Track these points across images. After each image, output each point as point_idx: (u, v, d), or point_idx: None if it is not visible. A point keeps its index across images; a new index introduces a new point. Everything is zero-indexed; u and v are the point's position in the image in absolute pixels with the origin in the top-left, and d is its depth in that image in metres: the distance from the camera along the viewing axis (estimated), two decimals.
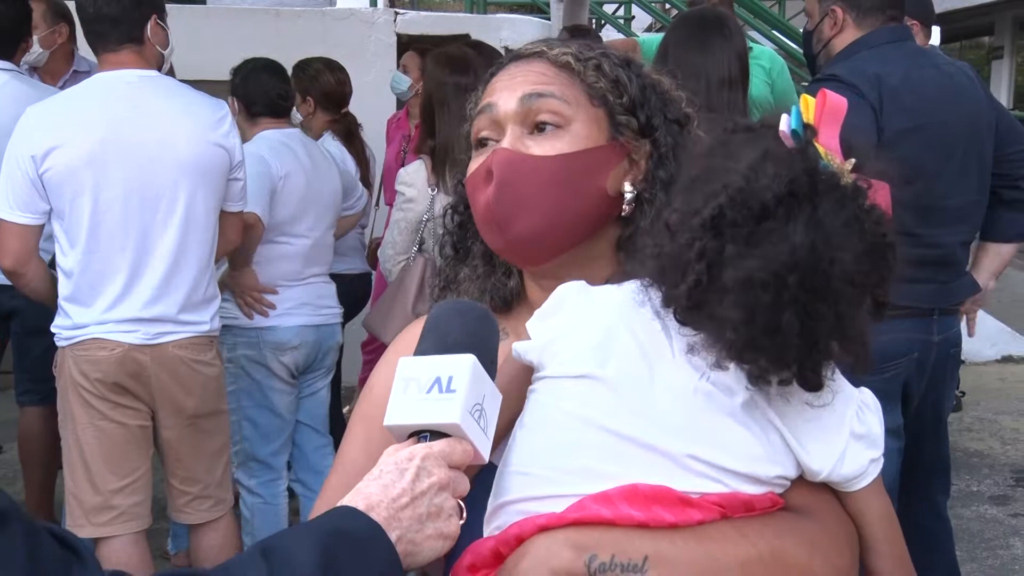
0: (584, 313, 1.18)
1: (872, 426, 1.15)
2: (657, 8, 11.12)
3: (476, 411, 1.07)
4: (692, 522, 1.07)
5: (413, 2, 14.11)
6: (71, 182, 3.04)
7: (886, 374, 3.08)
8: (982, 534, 4.58)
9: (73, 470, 3.18)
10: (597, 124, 1.29)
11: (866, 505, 1.17)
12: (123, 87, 3.14)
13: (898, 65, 3.05)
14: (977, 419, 6.10)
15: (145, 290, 3.12)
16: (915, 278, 3.40)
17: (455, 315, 1.15)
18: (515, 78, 1.30)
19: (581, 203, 1.27)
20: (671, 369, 1.12)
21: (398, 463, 1.05)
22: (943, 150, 3.04)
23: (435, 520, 1.04)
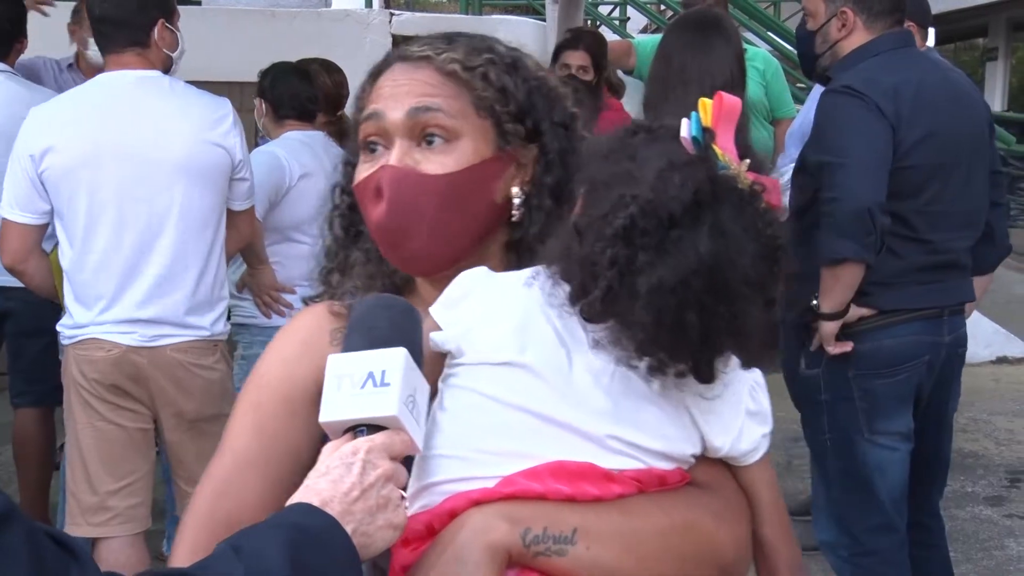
0: (498, 300, 1.22)
1: (763, 403, 1.24)
2: (652, 9, 11.13)
3: (410, 402, 1.09)
4: (614, 496, 1.14)
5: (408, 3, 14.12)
6: (67, 182, 3.05)
7: (898, 376, 3.09)
8: (977, 535, 4.58)
9: (72, 469, 3.19)
10: (484, 135, 1.30)
11: (758, 476, 1.26)
12: (121, 88, 3.14)
13: (910, 73, 3.05)
14: (972, 420, 6.11)
15: (140, 291, 3.11)
16: (925, 282, 3.42)
17: (381, 310, 1.16)
18: (401, 86, 1.30)
19: (471, 218, 1.30)
20: (588, 354, 1.17)
21: (343, 458, 1.06)
22: (953, 156, 3.06)
23: (384, 511, 1.06)
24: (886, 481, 3.14)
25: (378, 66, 1.36)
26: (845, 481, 3.18)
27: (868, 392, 3.09)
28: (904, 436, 3.15)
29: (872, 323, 3.07)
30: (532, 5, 11.67)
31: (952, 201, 3.06)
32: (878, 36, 3.12)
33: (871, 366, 3.08)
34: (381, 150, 1.30)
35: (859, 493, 3.16)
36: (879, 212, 2.88)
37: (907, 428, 3.15)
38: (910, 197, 3.01)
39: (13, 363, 4.29)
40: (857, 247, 2.90)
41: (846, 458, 3.16)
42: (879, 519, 3.16)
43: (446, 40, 1.34)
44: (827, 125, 3.04)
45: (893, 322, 3.07)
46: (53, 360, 3.99)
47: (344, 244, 1.43)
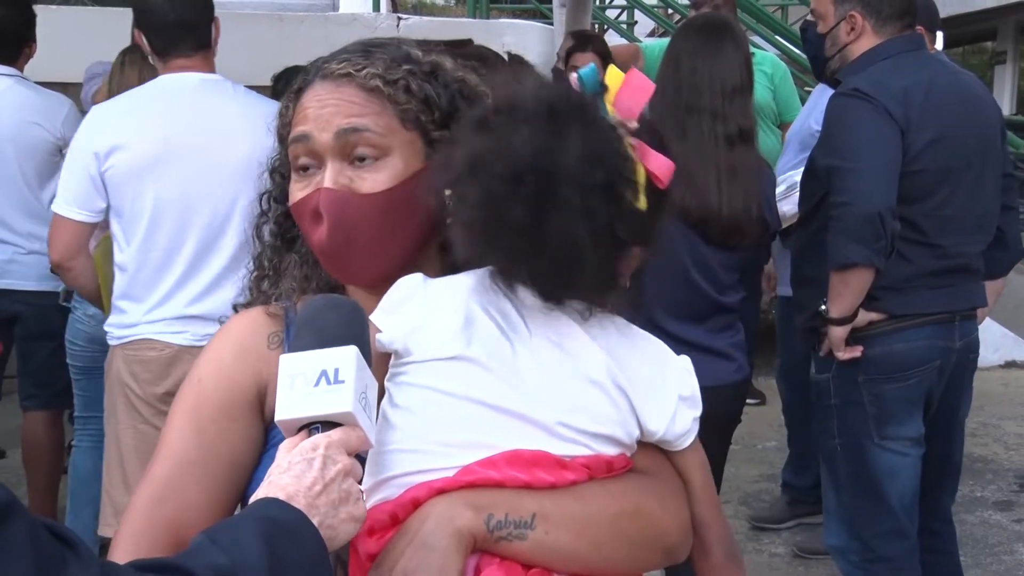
0: (438, 302, 1.26)
1: (694, 388, 1.30)
2: (660, 13, 11.12)
3: (362, 399, 1.12)
4: (566, 482, 1.19)
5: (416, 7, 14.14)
6: (132, 182, 3.08)
7: (909, 381, 3.08)
8: (986, 540, 4.57)
9: (109, 469, 3.21)
10: (412, 147, 1.32)
11: (692, 458, 1.33)
12: (187, 89, 3.18)
13: (920, 76, 3.04)
14: (981, 424, 6.09)
15: (196, 288, 3.14)
16: (936, 286, 3.41)
17: (330, 310, 1.18)
18: (326, 106, 1.31)
19: (410, 229, 1.33)
20: (530, 344, 1.22)
21: (304, 454, 1.09)
22: (963, 160, 3.04)
23: (346, 504, 1.09)
24: (896, 486, 3.12)
25: (298, 83, 1.38)
26: (855, 486, 3.17)
27: (878, 397, 3.08)
28: (914, 441, 3.14)
29: (882, 327, 3.06)
30: (539, 9, 11.66)
31: (962, 205, 3.04)
32: (888, 40, 3.11)
33: (881, 371, 3.07)
34: (314, 170, 1.33)
35: (869, 498, 3.15)
36: (889, 216, 2.87)
37: (917, 433, 3.14)
38: (919, 201, 3.00)
39: (22, 367, 4.31)
40: (867, 252, 2.89)
41: (856, 463, 3.15)
42: (890, 524, 3.14)
43: (364, 54, 1.36)
44: (836, 129, 3.03)
45: (903, 327, 3.06)
46: (62, 364, 4.01)
47: (277, 250, 1.45)
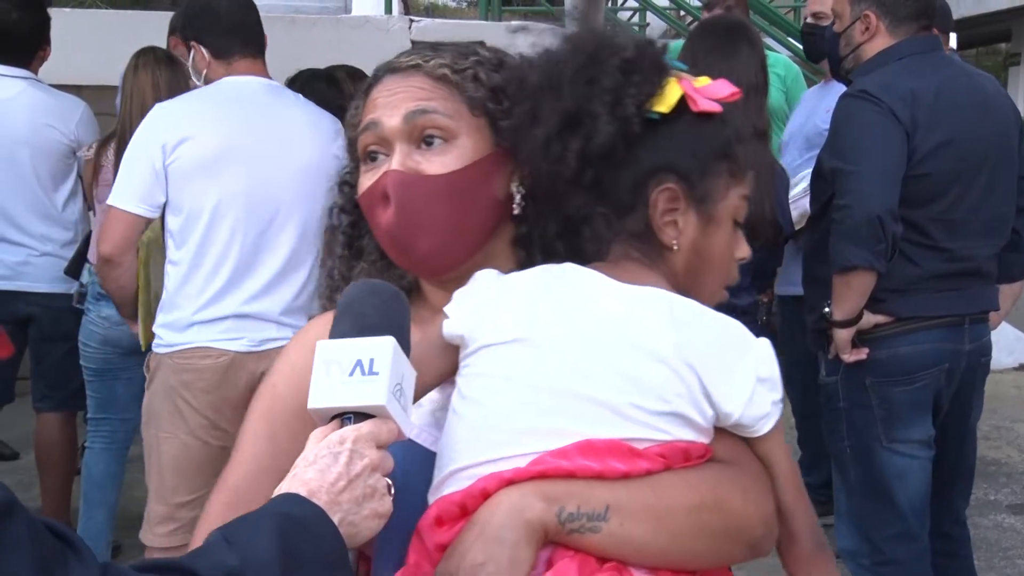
0: (505, 288, 1.26)
1: (772, 370, 1.23)
2: (672, 15, 11.11)
3: (397, 391, 1.10)
4: (641, 471, 1.15)
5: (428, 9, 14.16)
6: (197, 175, 3.08)
7: (916, 384, 3.07)
8: (1000, 543, 4.55)
9: (150, 475, 3.21)
10: (481, 133, 1.33)
11: (775, 444, 1.26)
12: (253, 91, 3.22)
13: (931, 78, 3.02)
14: (994, 427, 6.06)
15: (251, 288, 3.14)
16: (943, 289, 3.40)
17: (369, 296, 1.17)
18: (395, 94, 1.33)
19: (476, 215, 1.33)
20: (596, 325, 1.20)
21: (330, 447, 1.07)
22: (974, 162, 3.03)
23: (370, 500, 1.07)
24: (906, 489, 3.11)
25: (368, 82, 1.39)
26: (865, 489, 3.17)
27: (886, 399, 3.07)
28: (924, 444, 3.13)
29: (889, 330, 3.05)
30: (551, 12, 11.67)
31: (973, 208, 3.03)
32: (902, 41, 3.09)
33: (888, 373, 3.07)
34: (382, 158, 1.33)
35: (879, 501, 3.14)
36: (890, 220, 2.86)
37: (926, 436, 3.13)
38: (926, 205, 2.98)
39: (36, 368, 4.32)
40: (867, 255, 2.88)
41: (865, 466, 3.14)
42: (900, 528, 3.13)
43: (432, 48, 1.38)
44: (842, 130, 3.03)
45: (910, 329, 3.05)
46: (75, 365, 4.02)
47: (347, 261, 1.45)
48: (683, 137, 1.26)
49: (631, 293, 1.23)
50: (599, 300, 1.22)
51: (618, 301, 1.22)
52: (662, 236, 1.26)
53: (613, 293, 1.23)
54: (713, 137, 1.27)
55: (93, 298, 3.89)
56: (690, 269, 1.29)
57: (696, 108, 1.25)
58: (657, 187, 1.25)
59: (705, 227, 1.28)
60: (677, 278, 1.29)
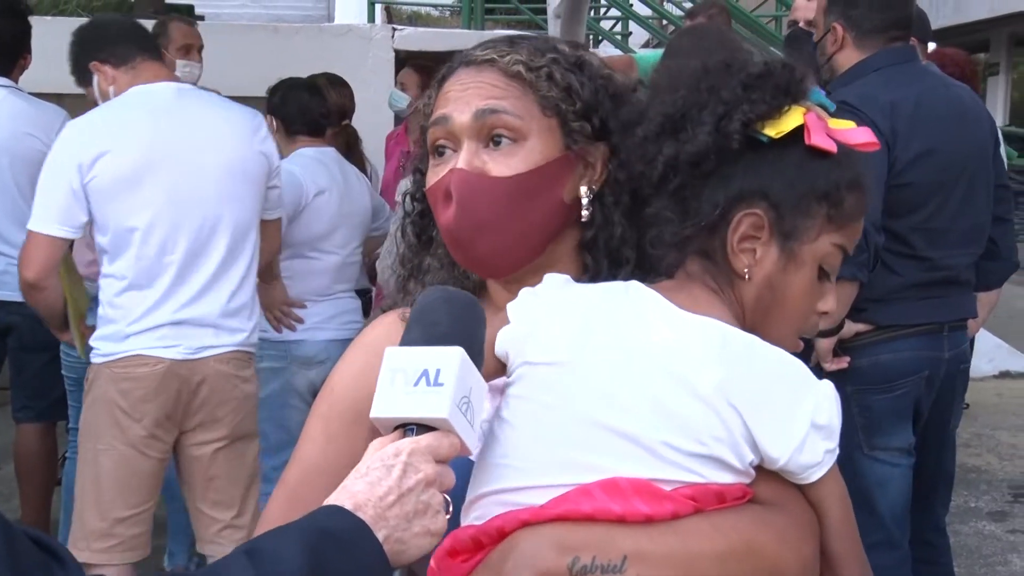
0: (564, 302, 1.22)
1: (832, 418, 1.18)
2: (654, 24, 11.15)
3: (463, 404, 1.07)
4: (667, 514, 1.10)
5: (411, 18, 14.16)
6: (118, 190, 3.05)
7: (896, 392, 3.08)
8: (980, 550, 4.57)
9: (84, 490, 3.15)
10: (551, 135, 1.30)
11: (827, 491, 1.21)
12: (164, 98, 3.18)
13: (910, 89, 3.04)
14: (975, 435, 6.10)
15: (186, 294, 3.12)
16: (922, 297, 3.40)
17: (442, 303, 1.14)
18: (467, 88, 1.31)
19: (540, 218, 1.30)
20: (643, 353, 1.15)
21: (384, 460, 1.03)
22: (953, 172, 3.04)
23: (422, 517, 1.03)
24: (887, 497, 3.13)
25: (443, 73, 1.37)
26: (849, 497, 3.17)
27: (866, 408, 3.09)
28: (904, 451, 3.14)
29: (869, 338, 3.07)
30: (534, 20, 11.70)
31: (952, 218, 3.05)
32: (878, 52, 3.11)
33: (869, 381, 3.08)
34: (449, 153, 1.31)
35: (860, 509, 3.11)
36: (872, 230, 2.88)
37: (907, 443, 3.14)
38: (907, 215, 3.00)
39: (15, 378, 4.29)
40: (849, 265, 2.89)
41: (846, 474, 3.13)
42: (880, 535, 3.14)
43: (509, 43, 1.35)
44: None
45: (891, 337, 3.07)
46: (55, 375, 4.00)
47: (417, 251, 1.44)
48: (787, 167, 1.20)
49: (686, 321, 1.17)
50: (652, 325, 1.17)
51: (671, 328, 1.17)
52: (735, 261, 1.21)
53: (668, 319, 1.18)
54: (819, 176, 1.21)
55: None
56: (760, 304, 1.23)
57: (808, 141, 1.19)
58: (744, 210, 1.20)
59: (785, 264, 1.22)
60: (745, 312, 1.23)
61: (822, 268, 1.24)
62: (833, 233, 1.23)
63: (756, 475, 1.16)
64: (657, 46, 9.99)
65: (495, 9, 12.76)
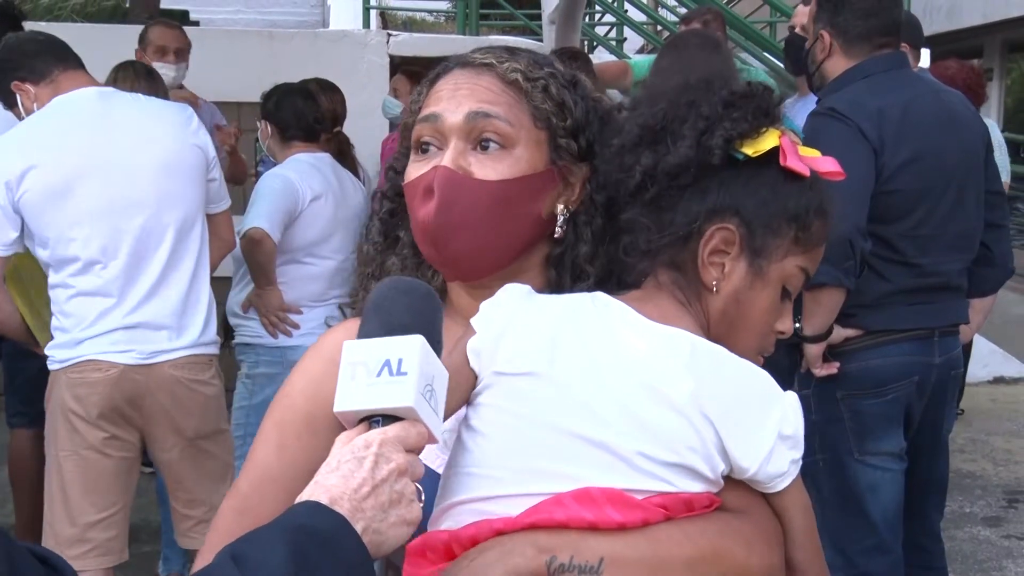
0: (531, 312, 1.22)
1: (797, 428, 1.19)
2: (649, 30, 11.17)
3: (427, 392, 1.06)
4: (638, 521, 1.11)
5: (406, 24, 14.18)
6: (52, 201, 3.01)
7: (886, 397, 3.08)
8: (975, 556, 4.58)
9: (51, 499, 3.12)
10: (538, 147, 1.31)
11: (790, 502, 1.22)
12: (86, 103, 3.14)
13: (898, 96, 3.04)
14: (969, 440, 6.10)
15: (135, 296, 3.09)
16: (912, 303, 3.41)
17: (399, 295, 1.13)
18: (461, 89, 1.31)
19: (516, 227, 1.30)
20: (615, 363, 1.16)
21: (355, 452, 1.02)
22: (942, 179, 3.04)
23: (397, 507, 1.02)
24: (879, 502, 3.13)
25: (436, 71, 1.37)
26: (838, 502, 3.17)
27: (857, 413, 3.09)
28: (895, 456, 3.15)
29: (859, 343, 3.07)
30: (529, 26, 11.71)
31: (942, 224, 3.05)
32: (866, 59, 3.11)
33: (859, 386, 3.09)
34: (434, 151, 1.31)
35: (852, 514, 3.15)
36: (859, 238, 2.88)
37: (898, 448, 3.15)
38: (896, 221, 3.00)
39: (9, 384, 4.29)
40: (836, 272, 2.89)
41: (838, 479, 3.16)
42: (872, 540, 3.15)
43: (509, 51, 1.36)
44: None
45: (880, 342, 3.07)
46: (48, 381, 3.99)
47: (382, 250, 1.43)
48: (761, 186, 1.23)
49: (656, 332, 1.19)
50: (622, 336, 1.19)
51: (641, 339, 1.18)
52: (704, 273, 1.23)
53: (638, 330, 1.19)
54: (791, 198, 1.23)
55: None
56: (725, 318, 1.25)
57: (784, 163, 1.22)
58: (717, 224, 1.22)
59: (752, 281, 1.24)
60: (710, 324, 1.25)
61: (785, 288, 1.26)
62: (799, 255, 1.25)
63: (723, 483, 1.18)
64: (652, 51, 10.01)
65: (490, 15, 12.77)
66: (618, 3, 10.75)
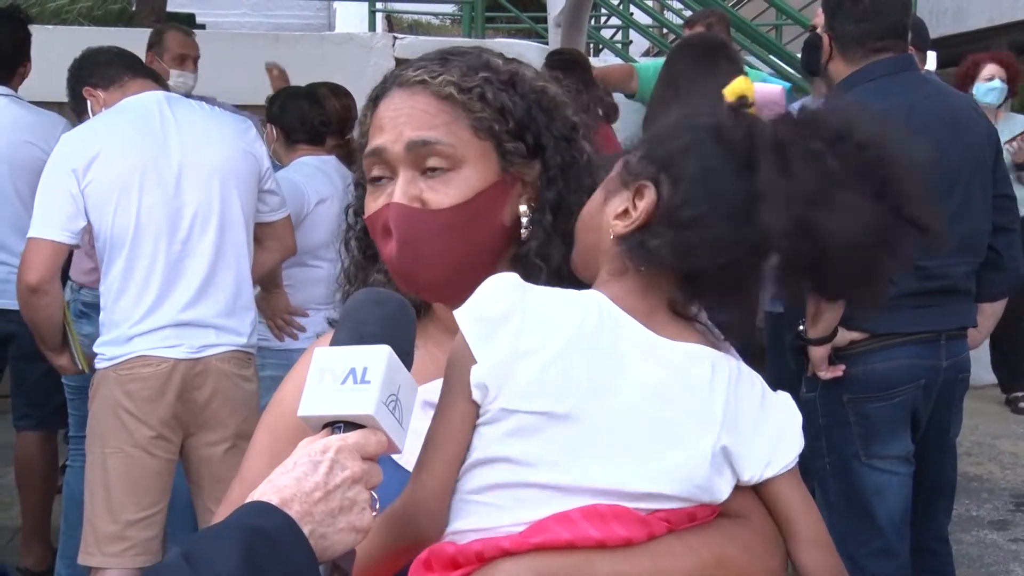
0: (537, 323, 1.16)
1: (794, 428, 1.22)
2: (655, 33, 11.16)
3: (391, 402, 1.07)
4: (643, 537, 1.12)
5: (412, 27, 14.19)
6: (113, 193, 3.12)
7: (893, 400, 3.08)
8: (982, 559, 4.56)
9: (93, 495, 3.17)
10: (486, 158, 1.30)
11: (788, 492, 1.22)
12: (155, 104, 3.28)
13: (903, 98, 3.03)
14: (976, 444, 6.08)
15: (183, 295, 3.17)
16: (918, 306, 3.40)
17: (371, 305, 1.14)
18: (401, 114, 1.30)
19: (481, 243, 1.30)
20: (636, 398, 1.15)
21: (312, 456, 1.04)
22: (947, 181, 3.03)
23: (347, 514, 1.03)
24: (885, 505, 3.13)
25: (376, 91, 1.36)
26: (845, 505, 3.18)
27: (863, 416, 3.09)
28: (903, 459, 3.14)
29: (865, 346, 3.07)
30: (535, 29, 11.71)
31: (947, 226, 3.04)
32: (871, 63, 3.11)
33: (865, 389, 3.09)
34: (386, 181, 1.31)
35: (858, 517, 3.15)
36: None
37: (905, 451, 3.14)
38: None
39: (16, 387, 4.30)
40: None
41: (844, 482, 3.16)
42: (879, 543, 3.14)
43: (441, 62, 1.34)
44: None
45: (886, 345, 3.06)
46: (55, 383, 4.00)
47: (363, 266, 1.43)
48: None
49: (672, 355, 1.17)
50: (638, 365, 1.16)
51: (659, 366, 1.16)
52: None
53: (653, 355, 1.17)
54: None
55: (74, 316, 3.88)
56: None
57: None
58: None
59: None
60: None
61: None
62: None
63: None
64: (657, 54, 10.00)
65: (495, 18, 12.78)
66: (623, 6, 10.75)
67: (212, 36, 7.49)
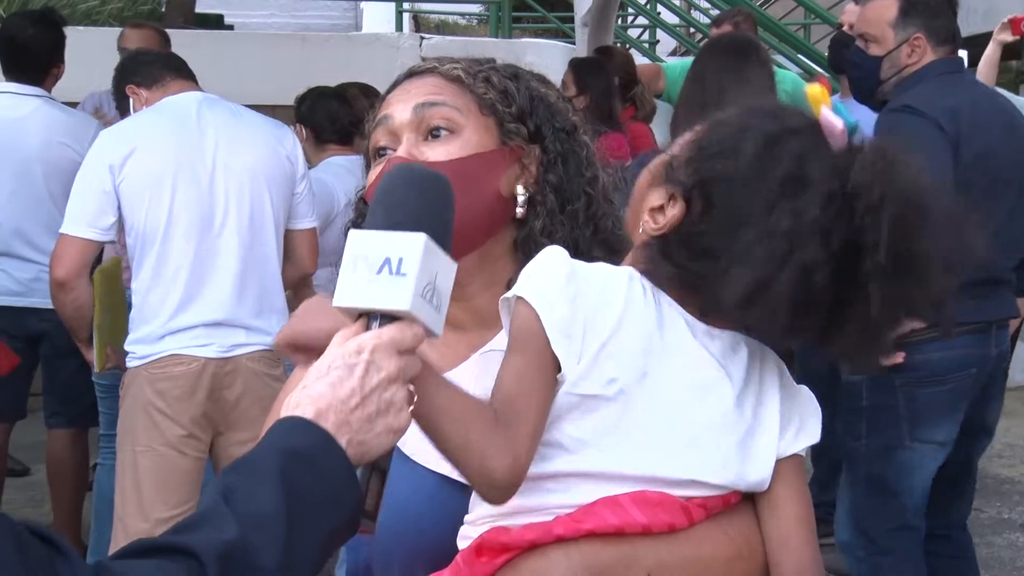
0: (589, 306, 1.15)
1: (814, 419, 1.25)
2: (682, 32, 11.13)
3: (428, 291, 1.03)
4: (685, 523, 1.15)
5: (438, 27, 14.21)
6: (147, 189, 3.15)
7: (946, 386, 3.14)
8: (1014, 562, 4.52)
9: (123, 493, 3.21)
10: (487, 130, 1.36)
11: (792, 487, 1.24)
12: (192, 104, 3.32)
13: (965, 96, 3.12)
14: (1007, 446, 6.02)
15: (214, 294, 3.20)
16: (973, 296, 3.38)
17: (406, 185, 1.09)
18: (409, 92, 1.38)
19: (477, 205, 1.32)
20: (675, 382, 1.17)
21: (346, 358, 1.01)
22: (1005, 177, 3.11)
23: (385, 416, 1.01)
24: (913, 487, 3.20)
25: (388, 88, 1.44)
26: (873, 485, 3.25)
27: (913, 400, 3.15)
28: (942, 445, 3.20)
29: (924, 335, 3.09)
30: (562, 28, 11.71)
31: (1002, 222, 3.09)
32: (933, 61, 3.18)
33: (920, 376, 3.13)
34: (390, 152, 1.36)
35: (884, 497, 3.24)
36: None
37: (948, 437, 3.20)
38: None
39: (47, 384, 4.33)
40: None
41: (880, 464, 3.22)
42: (900, 522, 3.23)
43: (450, 59, 1.43)
44: None
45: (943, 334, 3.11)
46: (86, 382, 4.03)
47: None
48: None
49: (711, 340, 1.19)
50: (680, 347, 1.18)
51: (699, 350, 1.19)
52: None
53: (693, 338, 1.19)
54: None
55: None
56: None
57: None
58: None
59: None
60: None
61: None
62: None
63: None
64: (685, 54, 9.97)
65: (522, 18, 12.78)
66: (651, 5, 10.72)
67: (240, 37, 7.54)
